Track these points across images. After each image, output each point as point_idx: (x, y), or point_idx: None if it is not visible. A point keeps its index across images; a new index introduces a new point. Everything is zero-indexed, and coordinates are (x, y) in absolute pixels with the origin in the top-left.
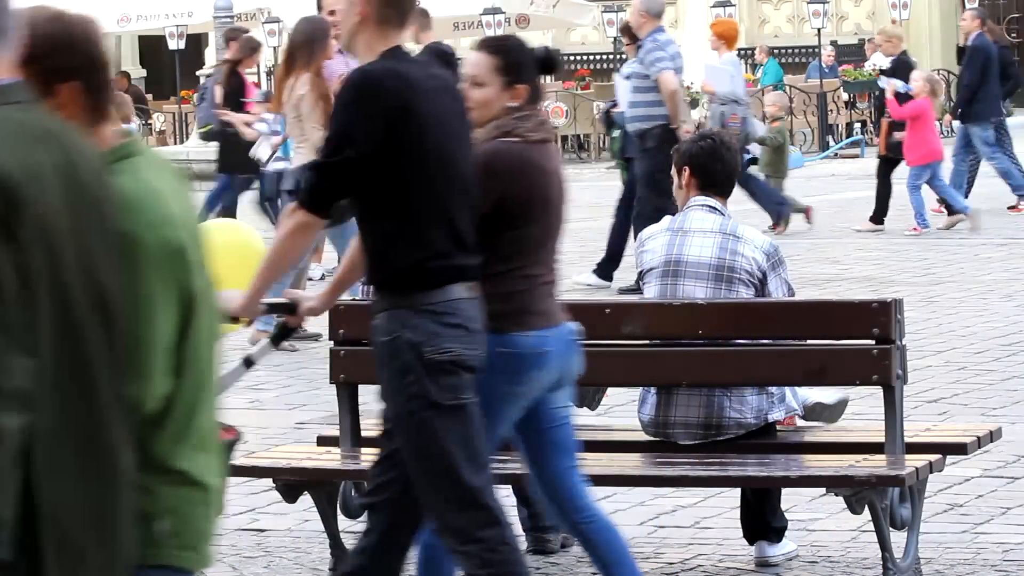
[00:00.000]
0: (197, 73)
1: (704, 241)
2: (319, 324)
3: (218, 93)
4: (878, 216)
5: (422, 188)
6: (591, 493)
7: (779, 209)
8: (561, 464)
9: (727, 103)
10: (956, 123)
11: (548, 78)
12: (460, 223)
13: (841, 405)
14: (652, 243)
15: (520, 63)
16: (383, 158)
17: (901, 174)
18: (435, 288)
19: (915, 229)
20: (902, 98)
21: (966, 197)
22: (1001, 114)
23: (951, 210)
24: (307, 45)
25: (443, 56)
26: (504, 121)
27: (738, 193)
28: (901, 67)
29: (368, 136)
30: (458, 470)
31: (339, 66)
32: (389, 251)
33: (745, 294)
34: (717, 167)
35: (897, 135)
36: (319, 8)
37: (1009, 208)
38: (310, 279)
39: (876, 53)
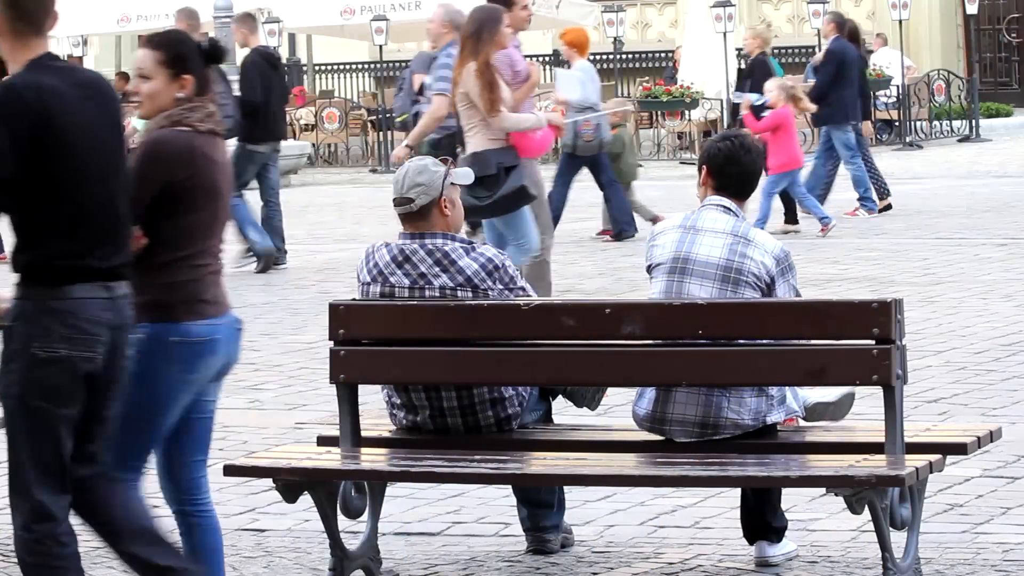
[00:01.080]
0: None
1: (715, 241)
2: (320, 325)
3: (416, 82)
4: (791, 216)
5: (63, 194)
6: (208, 487)
7: (622, 226)
8: (191, 455)
9: (581, 110)
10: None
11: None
12: (103, 225)
13: (846, 400)
14: (663, 238)
15: (184, 55)
16: (28, 168)
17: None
18: (59, 286)
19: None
20: (758, 110)
21: (823, 200)
22: (859, 119)
23: (789, 217)
24: (476, 34)
25: (269, 58)
26: (173, 111)
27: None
28: (758, 68)
29: (13, 152)
30: (24, 466)
31: (510, 55)
32: (26, 244)
33: (751, 297)
34: (733, 169)
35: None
36: None
37: (846, 213)
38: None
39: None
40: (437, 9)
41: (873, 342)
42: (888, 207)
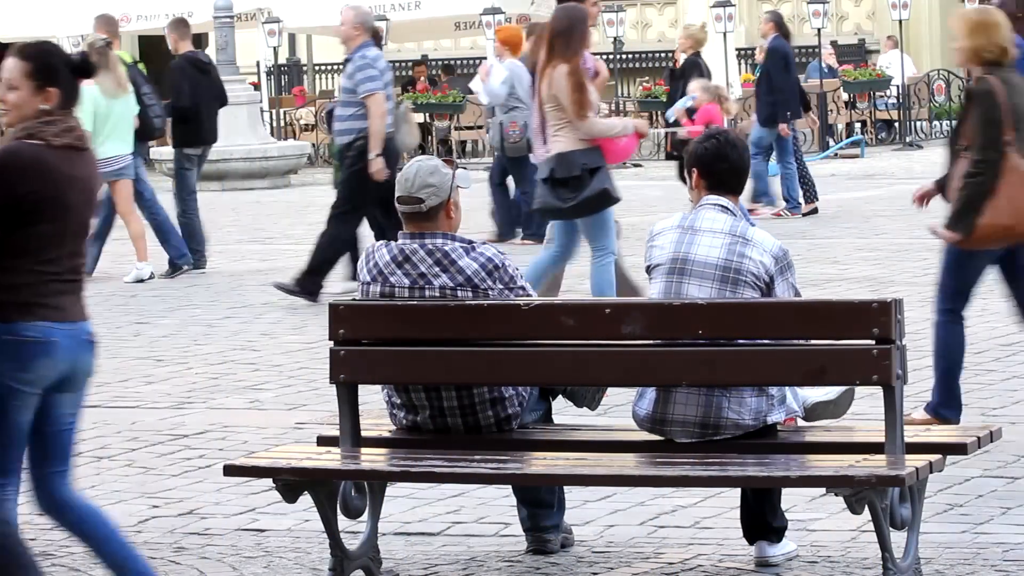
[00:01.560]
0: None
1: (713, 241)
2: (320, 325)
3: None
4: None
5: None
6: (70, 489)
7: (505, 230)
8: (51, 467)
9: (508, 110)
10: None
11: None
12: None
13: (845, 397)
14: (661, 239)
15: (50, 67)
16: None
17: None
18: None
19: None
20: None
21: (813, 197)
22: (797, 115)
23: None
24: (565, 34)
25: (198, 64)
26: (31, 124)
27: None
28: (690, 69)
29: None
30: None
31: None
32: None
33: (750, 297)
34: (723, 166)
35: (681, 131)
36: None
37: (772, 213)
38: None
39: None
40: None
41: (873, 342)
42: (815, 211)
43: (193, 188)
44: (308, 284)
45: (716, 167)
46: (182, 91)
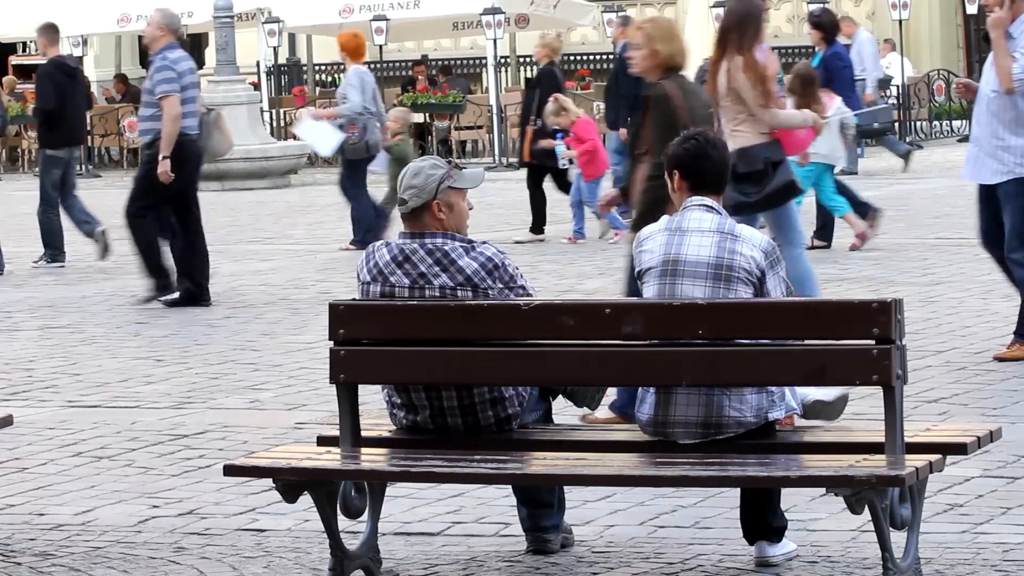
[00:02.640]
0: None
1: (702, 240)
2: (320, 325)
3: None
4: (538, 226)
5: None
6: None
7: (365, 235)
8: None
9: (346, 116)
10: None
11: None
12: None
13: (841, 401)
14: (650, 243)
15: None
16: None
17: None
18: None
19: (570, 240)
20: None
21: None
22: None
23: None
24: (739, 27)
25: (64, 68)
26: None
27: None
28: (546, 78)
29: None
30: None
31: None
32: None
33: (744, 293)
34: (705, 166)
35: (543, 143)
36: None
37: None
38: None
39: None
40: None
41: (873, 342)
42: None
43: (67, 186)
44: (161, 284)
45: (698, 167)
46: (48, 94)
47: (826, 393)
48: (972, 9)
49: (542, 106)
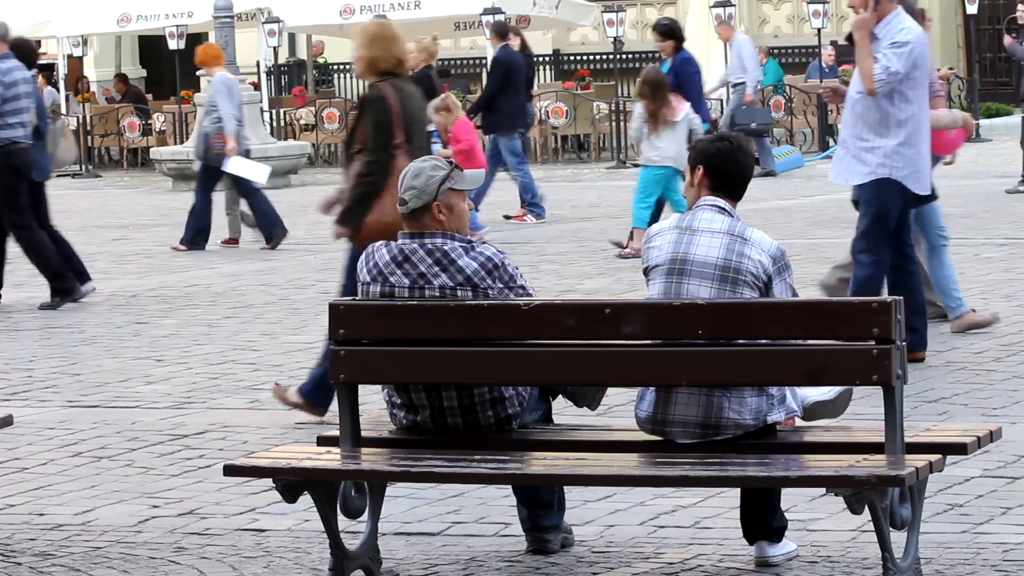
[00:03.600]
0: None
1: (712, 241)
2: (320, 325)
3: None
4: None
5: None
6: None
7: (271, 230)
8: None
9: (214, 121)
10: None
11: (548, 78)
12: None
13: (844, 398)
14: (659, 240)
15: None
16: None
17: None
18: None
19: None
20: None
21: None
22: (527, 126)
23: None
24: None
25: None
26: None
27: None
28: (423, 81)
29: None
30: None
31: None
32: None
33: (749, 296)
34: (732, 170)
35: (440, 151)
36: None
37: (507, 217)
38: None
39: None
40: None
41: (873, 342)
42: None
43: None
44: (62, 289)
45: (725, 169)
46: None
47: (826, 392)
48: (972, 9)
49: None
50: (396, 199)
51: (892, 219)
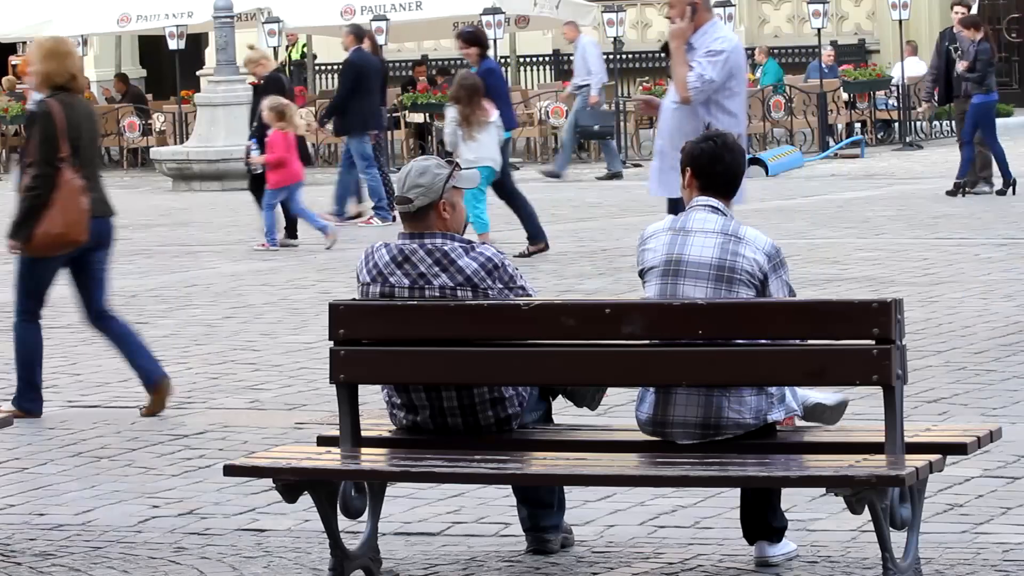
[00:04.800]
0: (197, 73)
1: (706, 241)
2: (320, 325)
3: None
4: (292, 231)
5: None
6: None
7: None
8: None
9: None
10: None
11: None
12: None
13: (841, 407)
14: (653, 242)
15: None
16: None
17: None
18: None
19: (263, 246)
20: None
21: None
22: (381, 127)
23: (290, 232)
24: None
25: None
26: None
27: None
28: (272, 85)
29: None
30: None
31: None
32: None
33: (746, 295)
34: (718, 168)
35: (255, 158)
36: None
37: (360, 222)
38: None
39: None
40: None
41: (873, 342)
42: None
43: None
44: None
45: (711, 169)
46: None
47: (826, 396)
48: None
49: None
50: (66, 211)
51: None
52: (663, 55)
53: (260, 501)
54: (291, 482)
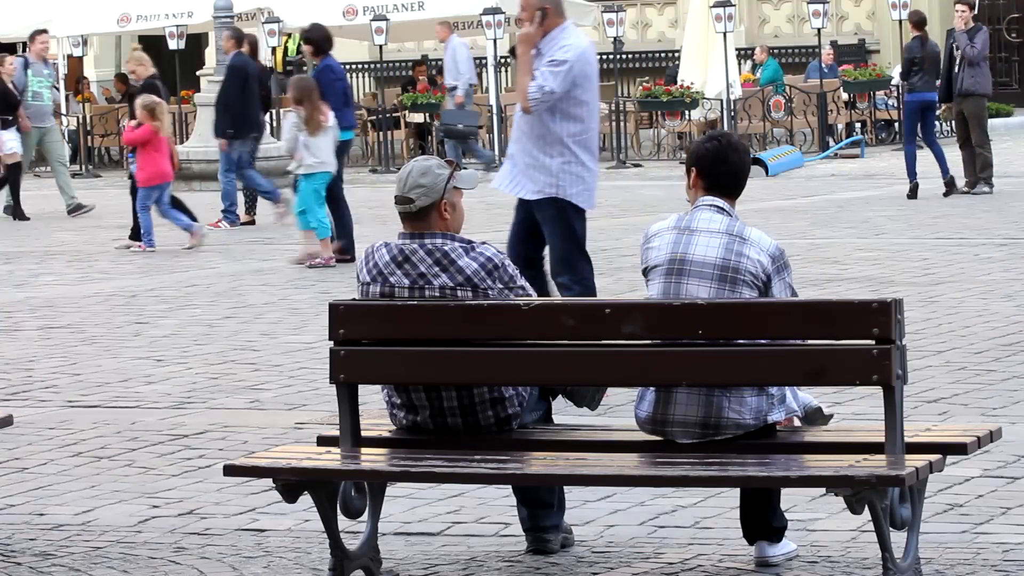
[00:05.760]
0: (197, 73)
1: (710, 241)
2: (320, 325)
3: None
4: (136, 233)
5: None
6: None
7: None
8: None
9: None
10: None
11: None
12: None
13: (830, 417)
14: (658, 240)
15: None
16: None
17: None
18: None
19: (140, 247)
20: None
21: (252, 209)
22: (260, 131)
23: (134, 234)
24: None
25: None
26: None
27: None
28: (147, 91)
29: None
30: None
31: None
32: None
33: (748, 296)
34: (723, 168)
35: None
36: None
37: (209, 224)
38: None
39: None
40: None
41: (873, 342)
42: (252, 222)
43: None
44: None
45: (716, 169)
46: None
47: (823, 403)
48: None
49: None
50: None
51: (580, 234)
52: (512, 56)
53: (260, 501)
54: (291, 482)
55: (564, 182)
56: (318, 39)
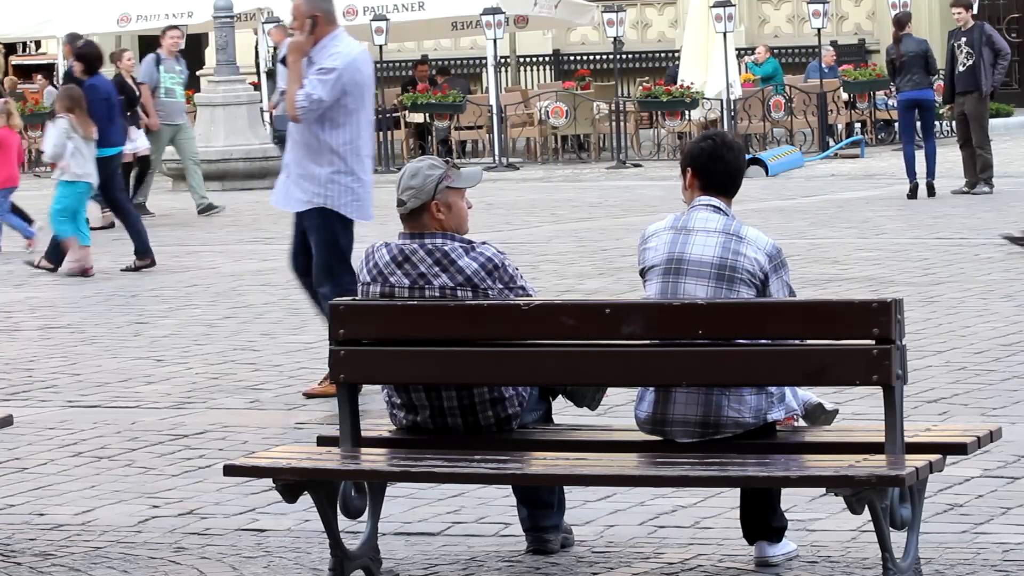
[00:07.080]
0: (197, 73)
1: (707, 240)
2: (320, 325)
3: None
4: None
5: None
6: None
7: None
8: None
9: None
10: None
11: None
12: None
13: (834, 414)
14: (655, 240)
15: None
16: None
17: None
18: None
19: (29, 244)
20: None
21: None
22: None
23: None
24: None
25: None
26: None
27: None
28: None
29: None
30: None
31: None
32: None
33: (746, 294)
34: (718, 167)
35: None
36: None
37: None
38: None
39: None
40: None
41: (873, 342)
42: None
43: None
44: None
45: (711, 168)
46: None
47: (825, 400)
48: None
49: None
50: None
51: (344, 244)
52: (283, 64)
53: (260, 501)
54: (291, 482)
55: (332, 192)
56: (91, 56)
